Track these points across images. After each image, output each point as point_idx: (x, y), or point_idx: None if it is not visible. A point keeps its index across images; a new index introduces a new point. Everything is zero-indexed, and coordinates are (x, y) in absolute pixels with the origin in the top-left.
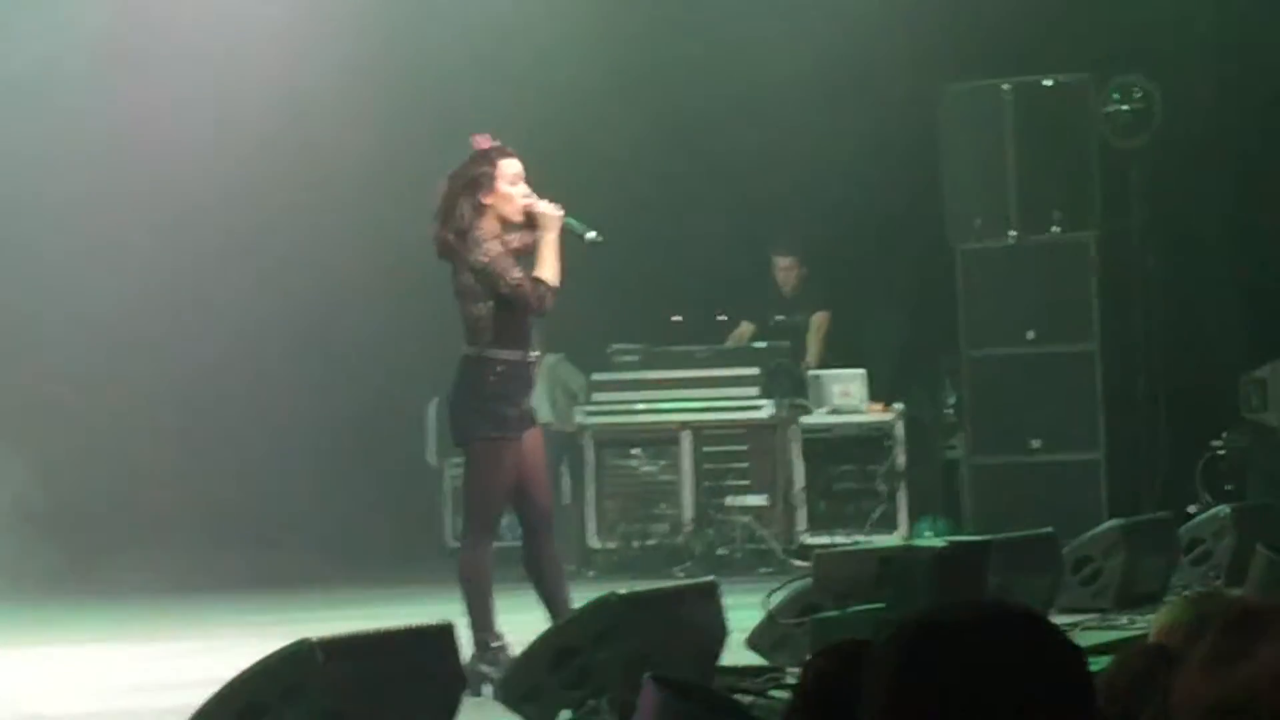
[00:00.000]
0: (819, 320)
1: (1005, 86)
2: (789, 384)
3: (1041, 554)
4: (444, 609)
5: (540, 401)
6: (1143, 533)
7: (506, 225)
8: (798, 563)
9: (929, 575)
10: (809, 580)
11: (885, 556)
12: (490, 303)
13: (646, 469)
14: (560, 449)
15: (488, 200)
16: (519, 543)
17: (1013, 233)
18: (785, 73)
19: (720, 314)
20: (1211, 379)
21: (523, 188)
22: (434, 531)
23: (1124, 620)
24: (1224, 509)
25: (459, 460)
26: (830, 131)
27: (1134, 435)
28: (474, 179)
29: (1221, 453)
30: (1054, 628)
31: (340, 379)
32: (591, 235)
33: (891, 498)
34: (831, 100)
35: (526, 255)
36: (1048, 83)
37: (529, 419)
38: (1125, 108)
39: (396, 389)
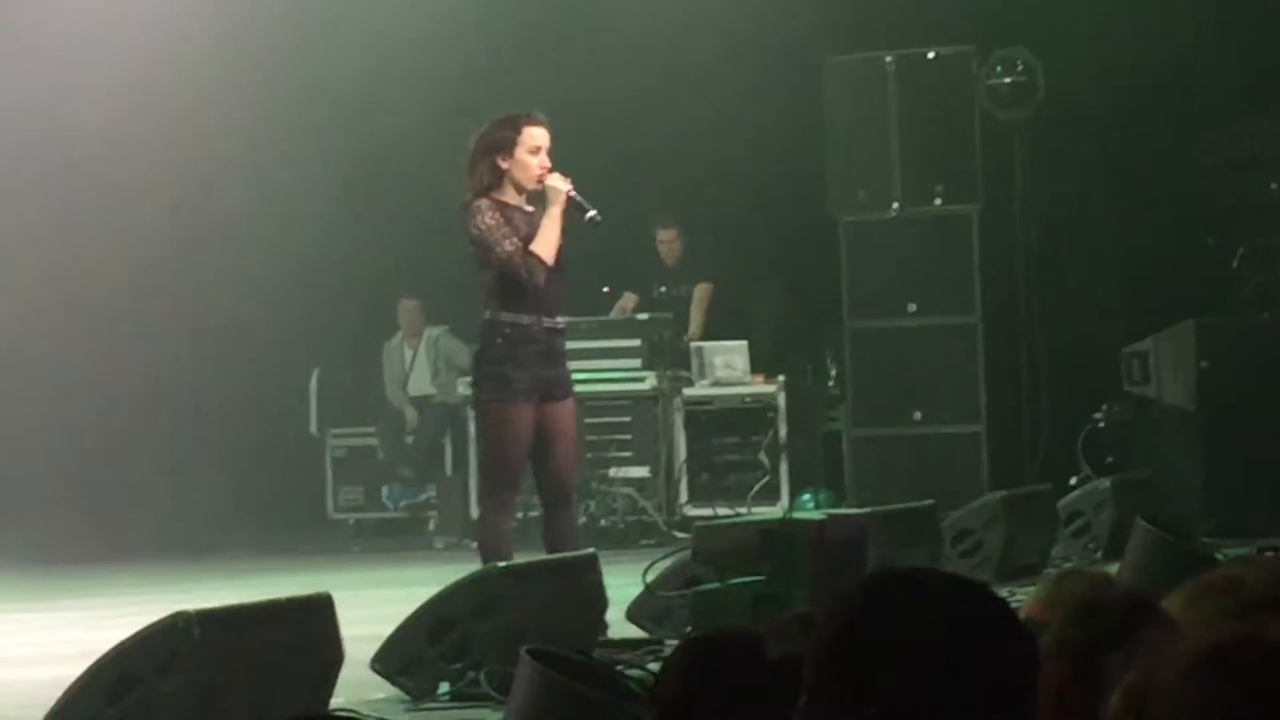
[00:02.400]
0: (701, 292)
1: (888, 59)
2: (671, 356)
3: (922, 526)
4: (325, 579)
5: (422, 373)
6: (1023, 505)
7: (521, 191)
8: (679, 535)
9: (809, 547)
10: (689, 552)
11: (765, 529)
12: (491, 271)
13: None
14: (444, 420)
15: (504, 164)
16: (403, 513)
17: (895, 205)
18: (666, 45)
19: (604, 287)
20: (1092, 352)
21: (542, 158)
22: (316, 502)
23: (1004, 593)
24: (1104, 482)
25: (341, 430)
26: (714, 103)
27: (1015, 408)
28: (495, 142)
29: (1102, 425)
30: (1008, 604)
31: (223, 349)
32: (591, 214)
33: (773, 470)
34: (714, 72)
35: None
36: (930, 55)
37: (548, 387)
38: (1007, 80)
39: (279, 359)
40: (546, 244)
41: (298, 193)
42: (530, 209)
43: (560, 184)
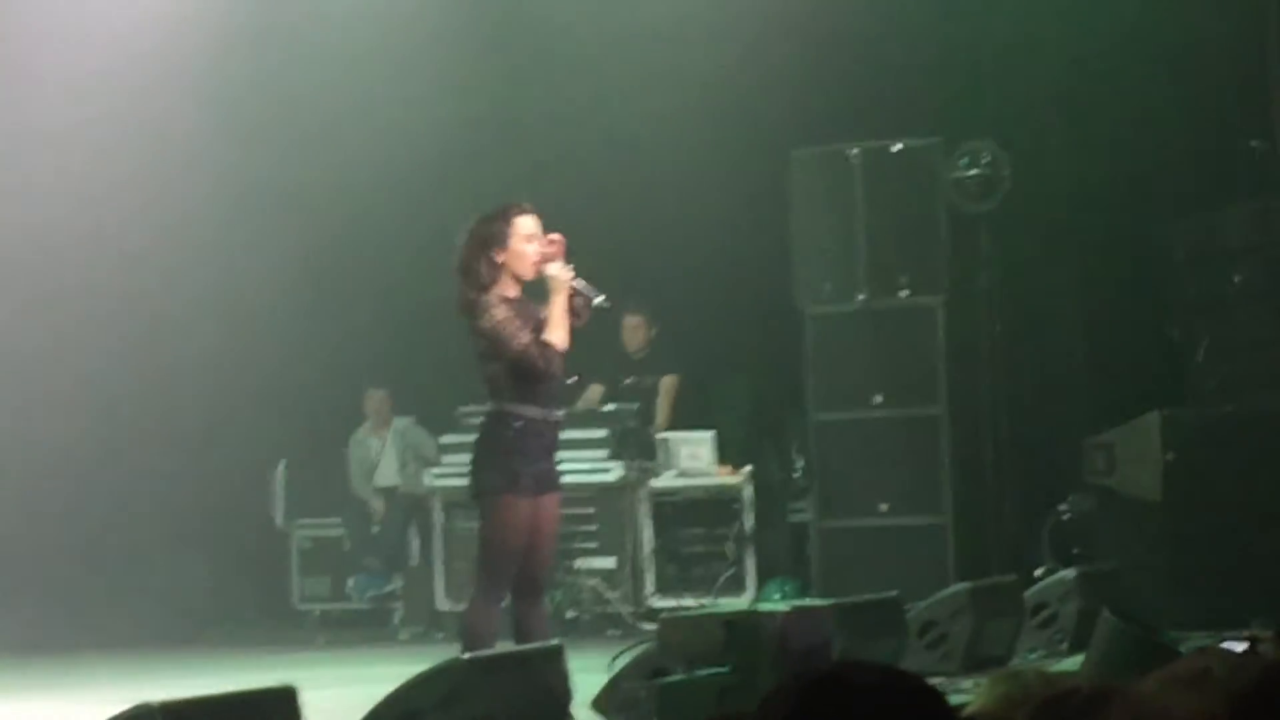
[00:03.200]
0: (668, 383)
1: (854, 151)
2: (638, 446)
3: (887, 617)
4: (290, 671)
5: (389, 464)
6: (988, 596)
7: (520, 283)
8: (646, 626)
9: (774, 639)
10: (655, 643)
11: (730, 621)
12: (501, 363)
13: None
14: (410, 512)
15: (501, 258)
16: (368, 604)
17: (861, 296)
18: (636, 135)
19: (571, 376)
20: (1057, 443)
21: (536, 246)
22: (282, 593)
23: (969, 684)
24: (1069, 573)
25: (307, 521)
26: (680, 193)
27: (980, 499)
28: (488, 236)
29: (1067, 516)
30: (944, 700)
31: (189, 439)
32: (600, 300)
33: (739, 561)
34: (681, 162)
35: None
36: (896, 147)
37: (547, 481)
38: (973, 173)
39: (245, 450)
40: (560, 333)
41: (264, 282)
42: (527, 300)
43: (562, 272)
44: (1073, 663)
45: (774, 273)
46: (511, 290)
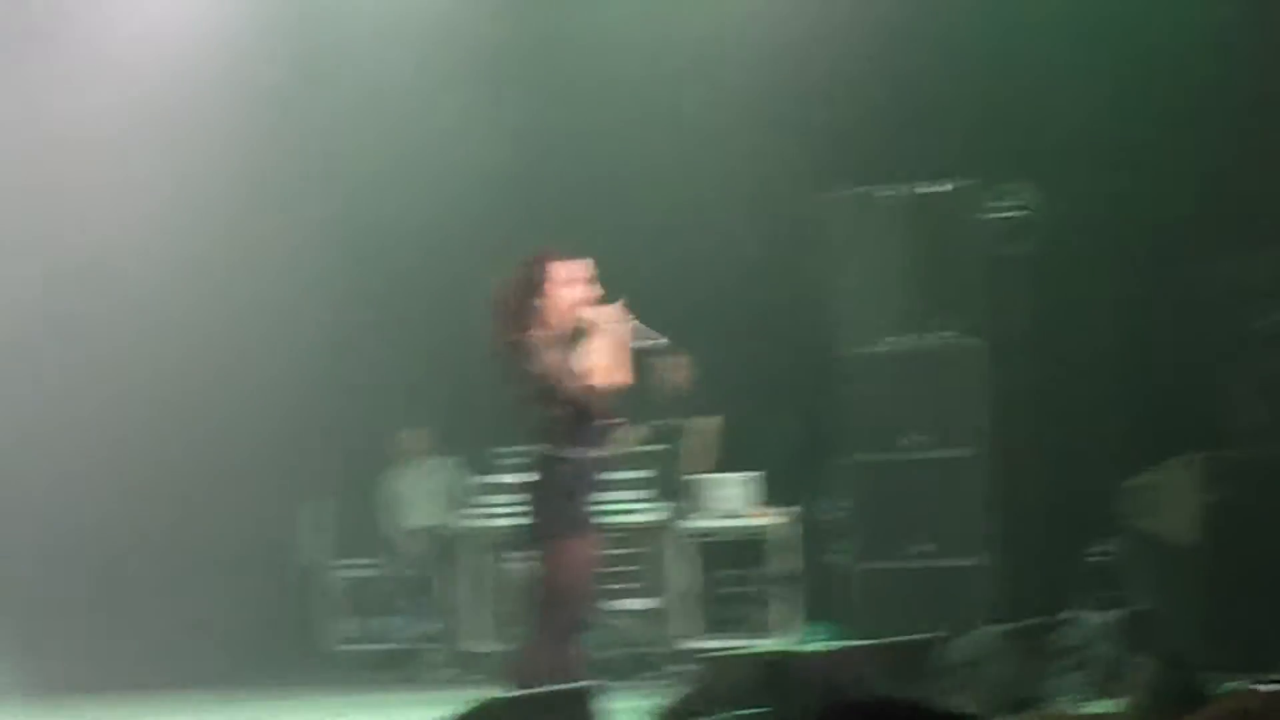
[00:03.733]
0: (707, 425)
1: (890, 193)
2: (676, 487)
3: (924, 658)
4: (326, 713)
5: (423, 505)
6: (1024, 638)
7: (559, 329)
8: (684, 667)
9: (815, 680)
10: (694, 685)
11: (771, 661)
12: (552, 405)
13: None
14: (445, 552)
15: (540, 306)
16: (403, 645)
17: (900, 338)
18: (676, 177)
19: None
20: (1095, 485)
21: (578, 290)
22: (317, 635)
23: None
24: (1105, 615)
25: (342, 563)
26: (721, 235)
27: (1018, 540)
28: (526, 285)
29: (1104, 559)
30: None
31: (228, 479)
32: (654, 341)
33: (778, 602)
34: (722, 204)
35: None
36: (932, 189)
37: (595, 521)
38: (1008, 215)
39: (282, 490)
40: (605, 374)
41: (308, 319)
42: (568, 346)
43: (608, 314)
44: (1107, 706)
45: (812, 314)
46: (553, 338)
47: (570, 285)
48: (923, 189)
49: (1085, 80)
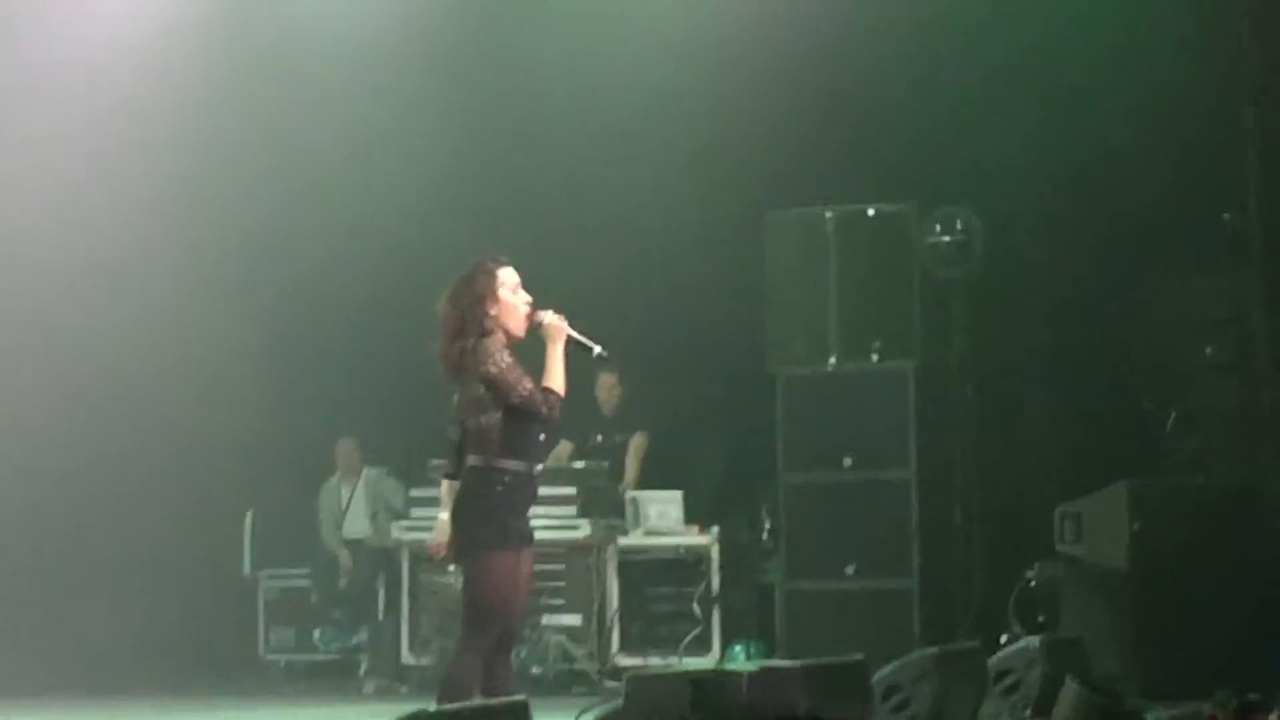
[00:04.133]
0: (637, 442)
1: (828, 214)
2: (606, 505)
3: (852, 680)
4: None
5: (359, 515)
6: (953, 661)
7: (511, 336)
8: (611, 683)
9: (741, 699)
10: (620, 701)
11: (697, 679)
12: (498, 414)
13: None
14: (378, 564)
15: (494, 310)
16: (334, 655)
17: (833, 359)
18: (611, 194)
19: (540, 433)
20: (1026, 510)
21: (525, 295)
22: (248, 643)
23: None
24: (1035, 640)
25: (274, 572)
26: (654, 252)
27: (948, 564)
28: (479, 291)
29: (1034, 583)
30: None
31: (157, 488)
32: (597, 350)
33: (706, 620)
34: (655, 221)
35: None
36: (870, 211)
37: (528, 536)
38: (947, 238)
39: (213, 500)
40: (557, 378)
41: (236, 329)
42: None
43: (558, 320)
44: None
45: (746, 333)
46: (506, 343)
47: (516, 291)
48: (861, 210)
49: (1026, 103)
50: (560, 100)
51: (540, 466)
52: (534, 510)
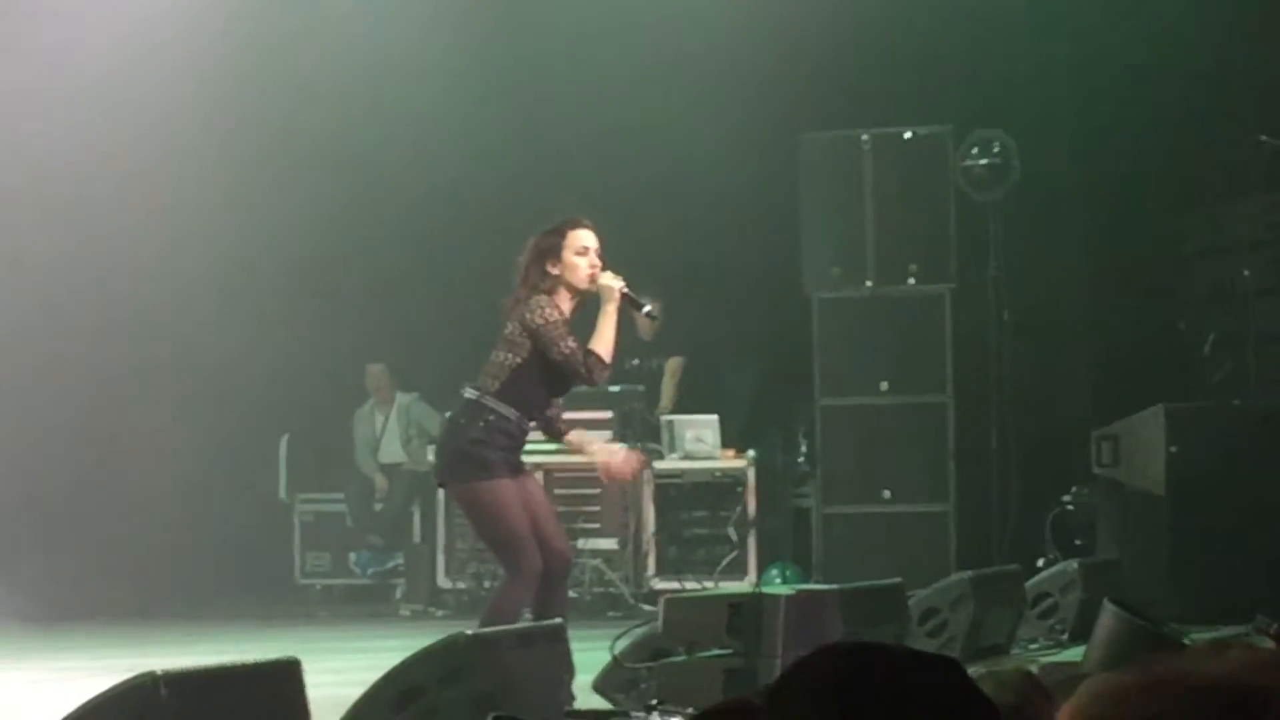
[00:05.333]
0: (673, 365)
1: (864, 137)
2: (642, 428)
3: (889, 604)
4: (291, 644)
5: (393, 440)
6: (990, 585)
7: (574, 293)
8: (647, 607)
9: (779, 622)
10: (657, 625)
11: (734, 602)
12: (516, 358)
13: None
14: (414, 488)
15: (554, 269)
16: (370, 580)
17: (869, 283)
18: (647, 118)
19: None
20: (1063, 433)
21: (591, 257)
22: (284, 567)
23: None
24: (1072, 563)
25: (310, 496)
26: (689, 176)
27: (984, 488)
28: (544, 249)
29: (1071, 507)
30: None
31: (193, 413)
32: (648, 309)
33: (742, 544)
34: (691, 145)
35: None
36: (907, 135)
37: (517, 467)
38: (983, 162)
39: (249, 424)
40: (606, 343)
41: (271, 254)
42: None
43: (613, 282)
44: (1073, 654)
45: (783, 257)
46: (564, 302)
47: (584, 254)
48: (897, 133)
49: (1062, 26)
50: (594, 23)
51: (532, 424)
52: (521, 447)
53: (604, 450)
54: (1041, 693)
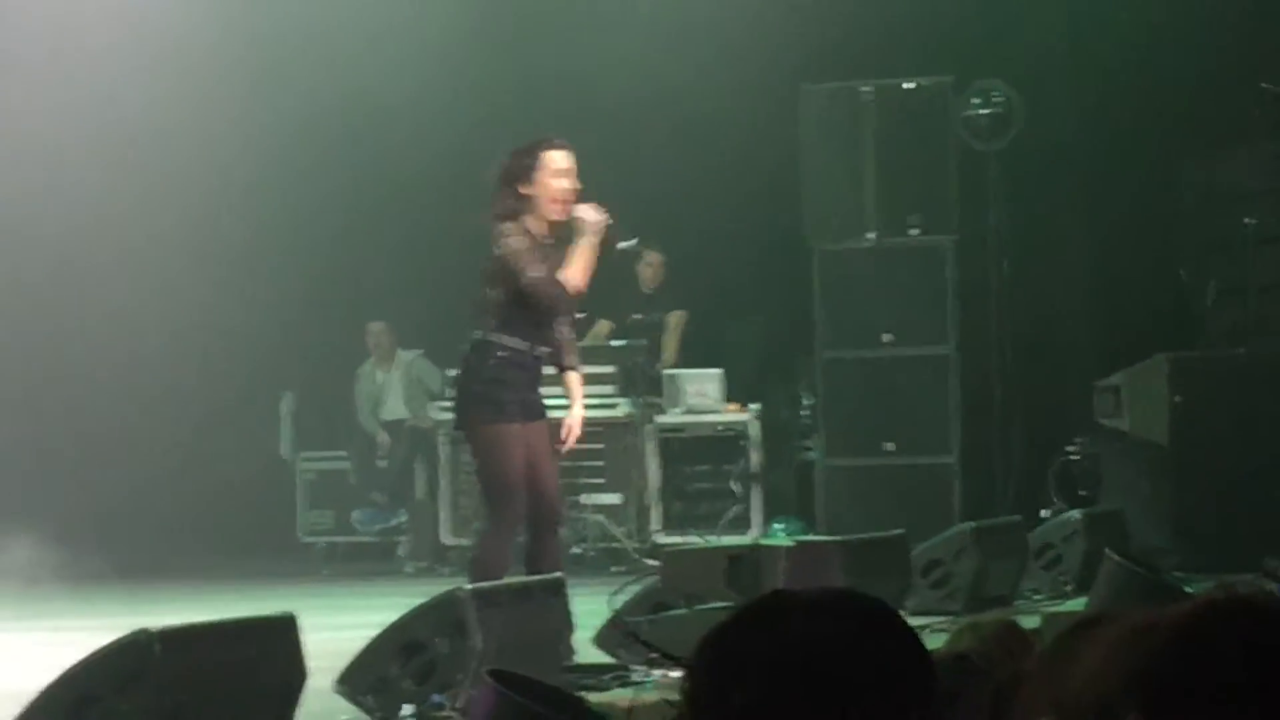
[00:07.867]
0: (676, 319)
1: (865, 88)
2: (645, 383)
3: (892, 556)
4: (293, 602)
5: (396, 398)
6: (993, 536)
7: (545, 219)
8: (650, 561)
9: (778, 575)
10: (658, 579)
11: (734, 555)
12: (501, 290)
13: None
14: (416, 445)
15: (526, 191)
16: (373, 537)
17: (871, 235)
18: (648, 72)
19: (579, 311)
20: (1066, 384)
21: (565, 182)
22: (287, 525)
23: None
24: (1075, 514)
25: (312, 454)
26: (691, 128)
27: (988, 439)
28: (515, 170)
29: (1074, 458)
30: (898, 618)
31: (195, 372)
32: (628, 244)
33: (745, 498)
34: (693, 98)
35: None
36: (908, 85)
37: (534, 409)
38: (984, 112)
39: (251, 382)
40: (578, 273)
41: (274, 212)
42: (550, 242)
43: (591, 214)
44: (1077, 604)
45: (784, 210)
46: (534, 227)
47: (559, 176)
48: (898, 84)
49: None
50: None
51: (545, 349)
52: (538, 387)
53: (574, 417)
54: (1023, 642)
